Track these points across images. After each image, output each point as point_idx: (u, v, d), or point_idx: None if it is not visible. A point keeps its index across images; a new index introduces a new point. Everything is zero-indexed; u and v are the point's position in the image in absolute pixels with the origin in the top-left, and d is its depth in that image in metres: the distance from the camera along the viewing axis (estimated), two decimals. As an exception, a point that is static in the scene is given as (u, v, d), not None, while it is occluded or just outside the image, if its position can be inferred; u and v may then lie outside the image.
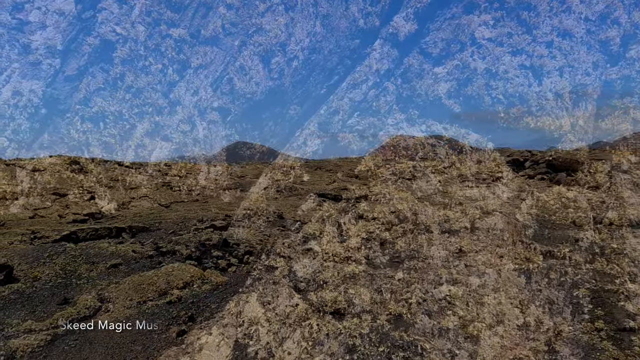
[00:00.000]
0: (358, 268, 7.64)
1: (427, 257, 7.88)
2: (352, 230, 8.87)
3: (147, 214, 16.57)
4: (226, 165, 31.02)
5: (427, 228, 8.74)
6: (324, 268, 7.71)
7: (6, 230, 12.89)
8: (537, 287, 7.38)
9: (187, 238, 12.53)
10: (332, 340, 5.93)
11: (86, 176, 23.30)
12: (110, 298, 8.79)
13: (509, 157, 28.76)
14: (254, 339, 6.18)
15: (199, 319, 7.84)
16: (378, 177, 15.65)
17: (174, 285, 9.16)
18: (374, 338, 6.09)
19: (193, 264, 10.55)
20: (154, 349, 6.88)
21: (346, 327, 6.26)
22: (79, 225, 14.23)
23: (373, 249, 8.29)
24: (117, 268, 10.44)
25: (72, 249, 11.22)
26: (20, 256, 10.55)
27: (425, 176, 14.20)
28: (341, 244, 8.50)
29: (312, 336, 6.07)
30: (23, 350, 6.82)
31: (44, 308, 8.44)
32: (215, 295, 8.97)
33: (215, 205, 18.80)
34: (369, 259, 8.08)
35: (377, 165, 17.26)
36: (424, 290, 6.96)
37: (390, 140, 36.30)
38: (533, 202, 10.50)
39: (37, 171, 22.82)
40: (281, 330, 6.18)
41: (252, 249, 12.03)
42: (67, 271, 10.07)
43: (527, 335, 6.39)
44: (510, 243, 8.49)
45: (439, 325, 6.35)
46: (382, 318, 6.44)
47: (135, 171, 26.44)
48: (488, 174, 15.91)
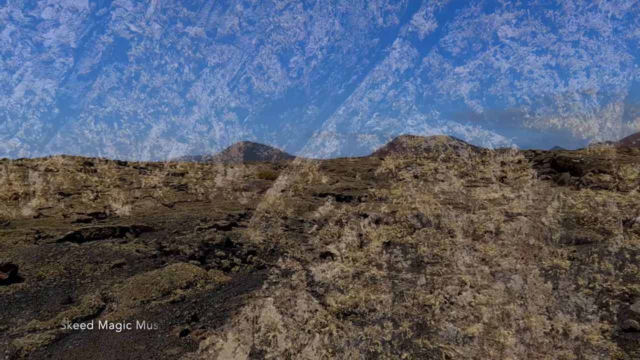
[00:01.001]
0: (379, 273, 7.43)
1: (451, 262, 7.63)
2: (373, 234, 8.72)
3: (150, 214, 16.60)
4: (244, 166, 31.09)
5: (450, 232, 8.57)
6: (344, 272, 7.52)
7: (11, 230, 12.97)
8: (565, 294, 7.14)
9: (190, 238, 12.54)
10: (353, 347, 5.74)
11: (100, 178, 23.44)
12: (114, 297, 8.83)
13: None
14: (271, 345, 5.96)
15: (202, 319, 7.85)
16: (399, 179, 15.48)
17: (177, 285, 9.19)
18: (396, 345, 5.87)
19: (196, 264, 10.60)
20: (157, 349, 6.88)
21: (367, 334, 6.06)
22: (83, 225, 14.24)
23: (394, 254, 8.03)
24: (120, 267, 10.47)
25: (76, 248, 11.29)
26: (24, 255, 10.63)
27: (447, 178, 14.01)
28: (361, 248, 8.33)
29: (332, 343, 5.87)
30: (27, 349, 6.85)
31: (48, 307, 8.50)
32: (219, 295, 8.99)
33: (219, 205, 18.77)
34: (390, 264, 7.85)
35: (398, 167, 17.08)
36: (448, 296, 6.68)
37: (394, 141, 36.00)
38: (559, 205, 10.25)
39: (49, 172, 22.98)
40: (300, 336, 5.97)
41: (255, 249, 12.08)
42: (71, 270, 10.15)
43: (554, 343, 6.16)
44: (536, 247, 8.28)
45: (463, 333, 6.08)
46: (405, 325, 6.19)
47: (150, 173, 26.70)
48: (512, 175, 15.66)
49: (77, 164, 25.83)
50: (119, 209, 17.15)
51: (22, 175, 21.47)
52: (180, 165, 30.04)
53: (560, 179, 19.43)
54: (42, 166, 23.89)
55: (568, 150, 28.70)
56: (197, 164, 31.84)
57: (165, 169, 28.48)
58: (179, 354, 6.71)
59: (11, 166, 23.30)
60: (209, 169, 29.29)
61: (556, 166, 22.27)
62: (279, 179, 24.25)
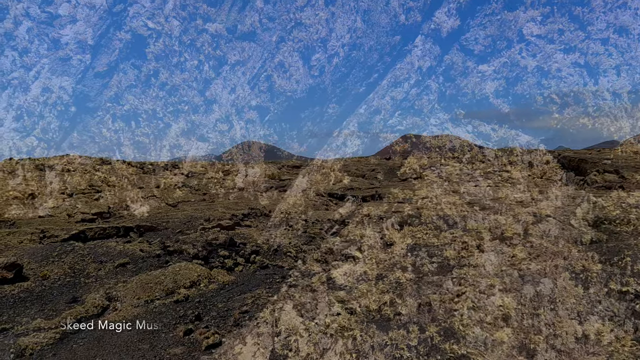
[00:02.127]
0: (404, 276, 7.18)
1: (478, 264, 7.47)
2: (397, 235, 8.60)
3: (154, 214, 16.61)
4: (264, 166, 31.16)
5: (477, 234, 8.42)
6: (367, 275, 7.32)
7: (16, 229, 13.05)
8: (596, 298, 6.91)
9: (194, 237, 12.51)
10: (378, 352, 5.57)
11: (118, 178, 23.52)
12: (118, 297, 8.80)
13: (516, 156, 27.83)
14: (292, 350, 5.76)
15: (206, 318, 7.82)
16: (423, 180, 15.32)
17: (181, 285, 9.19)
18: (423, 351, 5.66)
19: (200, 263, 10.56)
20: (161, 348, 6.85)
21: (392, 339, 5.86)
22: (87, 224, 14.24)
23: (420, 256, 7.79)
24: (124, 267, 10.47)
25: (81, 248, 11.29)
26: (29, 255, 10.67)
27: (473, 179, 13.82)
28: (385, 251, 8.11)
29: (356, 348, 5.69)
30: (32, 348, 6.87)
31: (53, 306, 8.52)
32: (222, 294, 8.97)
33: (222, 205, 18.79)
34: (415, 267, 7.58)
35: (423, 167, 16.91)
36: (476, 300, 6.41)
37: (400, 139, 35.66)
38: (589, 207, 10.00)
39: (66, 171, 23.13)
40: (322, 340, 5.81)
41: (258, 249, 12.11)
42: (75, 270, 10.20)
43: (586, 348, 5.95)
44: (565, 250, 8.09)
45: (492, 338, 5.79)
46: (431, 329, 5.95)
47: (169, 172, 26.85)
48: (540, 177, 15.37)
49: (94, 163, 26.05)
50: (137, 208, 17.27)
51: (38, 175, 21.61)
52: (201, 166, 30.10)
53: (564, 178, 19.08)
54: (59, 165, 24.12)
55: (572, 150, 28.01)
56: (218, 163, 31.76)
57: (184, 169, 28.60)
58: (183, 353, 6.63)
59: (28, 166, 23.53)
60: (221, 168, 29.30)
61: (562, 166, 21.98)
62: (299, 179, 24.25)
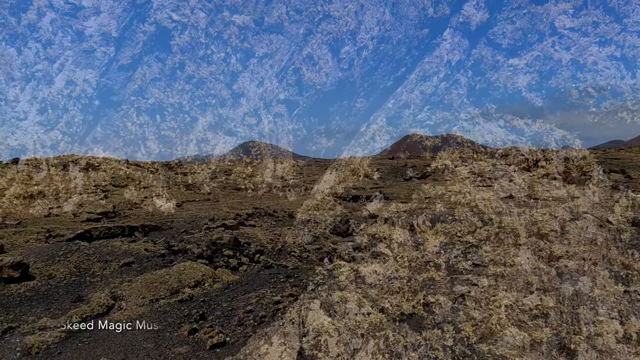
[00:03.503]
0: (438, 274, 6.92)
1: (515, 262, 7.33)
2: (429, 232, 8.49)
3: (159, 213, 16.61)
4: (294, 162, 31.13)
5: (513, 231, 8.29)
6: (398, 273, 7.09)
7: (22, 229, 13.08)
8: (637, 297, 6.71)
9: (198, 237, 12.49)
10: (411, 352, 5.34)
11: (144, 174, 23.56)
12: (123, 296, 8.75)
13: (522, 155, 27.01)
14: (322, 350, 5.54)
15: (210, 318, 7.74)
16: (455, 175, 15.13)
17: (185, 284, 9.14)
18: (458, 351, 5.40)
19: (204, 263, 10.50)
20: (166, 347, 6.78)
21: (426, 338, 5.60)
22: (93, 224, 14.21)
23: (454, 254, 7.51)
24: (129, 266, 10.43)
25: (86, 247, 11.26)
26: (35, 254, 10.67)
27: (507, 175, 13.58)
28: (416, 248, 7.82)
29: (389, 348, 5.45)
30: (38, 346, 6.83)
31: (59, 305, 8.50)
32: (227, 294, 8.91)
33: (226, 205, 18.76)
34: (449, 264, 7.32)
35: (454, 163, 16.69)
36: (513, 299, 6.13)
37: (405, 138, 35.07)
38: (628, 203, 9.74)
39: (91, 168, 23.26)
40: (353, 340, 5.57)
41: (263, 248, 12.06)
42: (81, 269, 10.19)
43: (628, 349, 5.82)
44: (604, 248, 7.89)
45: (530, 338, 5.52)
46: (467, 329, 5.68)
47: (197, 167, 26.99)
48: (576, 172, 15.06)
49: (119, 164, 26.13)
50: (163, 205, 17.34)
51: (62, 171, 21.71)
52: (230, 160, 30.17)
53: (569, 178, 18.60)
54: (83, 160, 24.21)
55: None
56: (246, 157, 31.72)
57: (212, 164, 28.63)
58: (187, 353, 6.54)
59: (52, 161, 23.75)
60: (250, 163, 29.19)
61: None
62: (327, 175, 24.24)
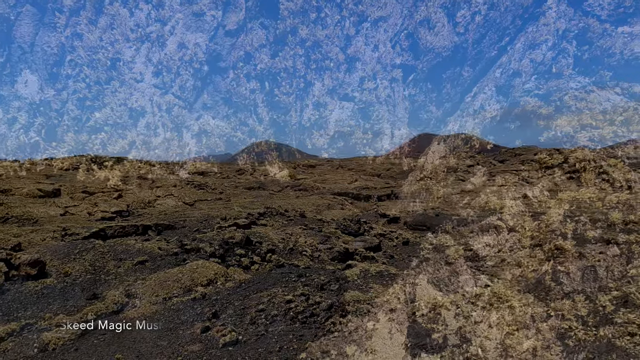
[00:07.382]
0: (564, 243, 6.28)
1: (648, 229, 6.47)
2: (551, 202, 7.84)
3: (172, 212, 16.91)
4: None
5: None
6: (519, 244, 6.61)
7: (39, 227, 13.21)
8: None
9: (210, 236, 12.66)
10: (541, 324, 4.92)
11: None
12: (137, 294, 8.92)
13: (535, 155, 26.21)
14: (440, 323, 5.22)
15: (223, 316, 7.80)
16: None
17: (198, 282, 9.26)
18: (592, 321, 5.00)
19: (217, 262, 10.64)
20: (179, 345, 6.88)
21: (556, 309, 5.25)
22: (107, 222, 14.60)
23: (581, 221, 6.86)
24: (143, 265, 10.62)
25: (101, 245, 11.43)
26: (52, 252, 10.82)
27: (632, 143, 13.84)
28: (535, 218, 7.25)
29: (515, 319, 5.06)
30: (55, 343, 6.94)
31: (75, 303, 8.60)
32: (239, 292, 8.92)
33: (238, 204, 19.00)
34: (576, 233, 6.71)
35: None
36: None
37: (415, 139, 35.07)
38: None
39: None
40: (473, 313, 5.22)
41: (274, 247, 12.16)
42: (96, 267, 10.29)
43: None
44: None
45: None
46: (603, 298, 5.25)
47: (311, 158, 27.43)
48: None
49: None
50: (277, 173, 18.78)
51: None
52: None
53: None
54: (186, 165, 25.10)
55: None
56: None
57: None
58: (200, 350, 6.59)
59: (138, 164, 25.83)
60: None
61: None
62: (434, 145, 24.22)
